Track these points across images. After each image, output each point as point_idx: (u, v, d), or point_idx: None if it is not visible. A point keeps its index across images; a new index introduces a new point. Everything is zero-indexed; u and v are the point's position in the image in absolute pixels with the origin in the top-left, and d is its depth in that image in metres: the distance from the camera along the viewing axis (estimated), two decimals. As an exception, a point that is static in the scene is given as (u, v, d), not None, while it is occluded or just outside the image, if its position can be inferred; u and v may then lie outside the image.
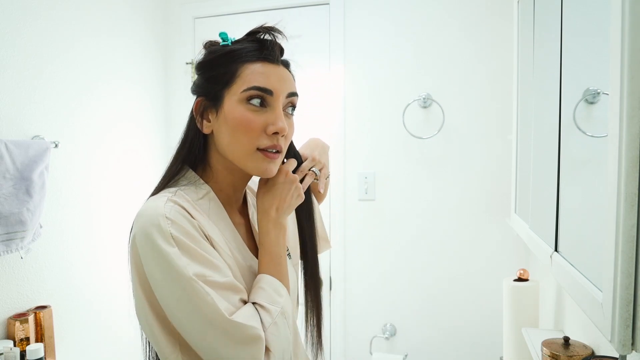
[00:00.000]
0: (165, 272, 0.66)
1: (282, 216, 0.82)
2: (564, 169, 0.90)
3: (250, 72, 0.75)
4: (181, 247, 0.67)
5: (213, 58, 0.77)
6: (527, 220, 1.27)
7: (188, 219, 0.70)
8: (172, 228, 0.67)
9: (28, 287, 1.54)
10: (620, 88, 0.54)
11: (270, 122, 0.75)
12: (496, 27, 1.85)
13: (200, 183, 0.80)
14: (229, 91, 0.75)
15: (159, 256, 0.66)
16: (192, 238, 0.68)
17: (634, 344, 0.55)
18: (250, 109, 0.74)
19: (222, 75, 0.75)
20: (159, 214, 0.68)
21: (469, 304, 1.93)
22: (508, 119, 1.74)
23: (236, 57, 0.75)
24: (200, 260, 0.68)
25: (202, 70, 0.79)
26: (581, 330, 1.08)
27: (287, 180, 0.83)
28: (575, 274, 0.76)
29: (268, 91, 0.75)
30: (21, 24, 1.52)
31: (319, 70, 2.09)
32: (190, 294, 0.65)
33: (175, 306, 0.66)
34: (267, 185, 0.83)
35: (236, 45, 0.77)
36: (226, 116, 0.75)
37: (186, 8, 2.27)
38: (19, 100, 1.51)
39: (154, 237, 0.67)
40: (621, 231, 0.54)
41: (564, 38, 0.89)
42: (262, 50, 0.76)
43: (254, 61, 0.75)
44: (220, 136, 0.77)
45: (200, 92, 0.79)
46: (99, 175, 1.86)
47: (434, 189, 1.96)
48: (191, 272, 0.65)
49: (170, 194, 0.74)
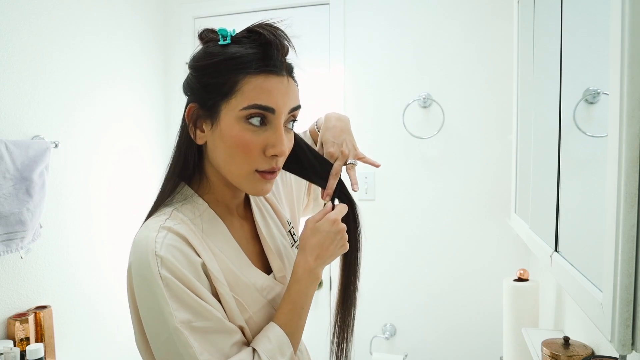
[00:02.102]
0: (153, 314, 0.65)
1: (320, 266, 0.77)
2: (564, 169, 0.90)
3: (252, 87, 0.68)
4: (170, 288, 0.64)
5: (211, 63, 0.70)
6: (527, 220, 1.27)
7: (181, 250, 0.67)
8: (161, 268, 0.64)
9: (28, 287, 1.54)
10: (620, 88, 0.54)
11: (270, 144, 0.70)
12: (496, 27, 1.85)
13: (197, 199, 0.76)
14: (227, 104, 0.69)
15: (148, 296, 0.65)
16: (182, 277, 0.65)
17: (634, 344, 0.55)
18: (249, 129, 0.69)
19: (221, 85, 0.69)
20: (149, 250, 0.65)
21: (469, 304, 1.93)
22: (508, 119, 1.74)
23: (237, 66, 0.68)
24: (188, 304, 0.65)
25: (197, 73, 0.72)
26: (581, 330, 1.08)
27: (333, 229, 0.78)
28: (575, 274, 0.76)
29: (270, 109, 0.69)
30: (21, 24, 1.52)
31: (319, 70, 2.09)
32: (175, 341, 0.64)
33: (160, 347, 0.66)
34: (313, 227, 0.78)
35: (236, 47, 0.69)
36: (223, 133, 0.70)
37: (186, 8, 2.27)
38: (19, 100, 1.51)
39: (144, 275, 0.65)
40: (621, 231, 0.54)
41: (564, 38, 0.89)
42: (266, 59, 0.69)
43: (256, 73, 0.68)
44: (216, 152, 0.72)
45: (194, 97, 0.73)
46: (99, 175, 1.85)
47: (434, 189, 1.96)
48: (177, 320, 0.64)
49: (166, 215, 0.71)
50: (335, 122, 0.91)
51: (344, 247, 0.80)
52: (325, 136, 0.89)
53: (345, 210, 0.82)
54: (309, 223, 0.80)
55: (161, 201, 0.76)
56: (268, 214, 0.88)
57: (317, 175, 0.85)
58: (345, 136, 0.89)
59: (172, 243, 0.67)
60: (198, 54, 0.73)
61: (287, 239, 0.89)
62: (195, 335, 0.65)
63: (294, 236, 0.91)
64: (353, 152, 0.88)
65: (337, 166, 0.85)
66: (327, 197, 0.84)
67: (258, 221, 0.85)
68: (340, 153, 0.86)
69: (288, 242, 0.89)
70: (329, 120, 0.92)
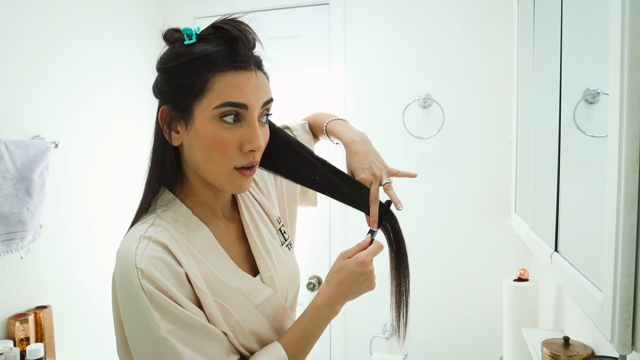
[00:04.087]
0: (137, 325, 0.65)
1: (340, 302, 0.78)
2: (564, 169, 0.90)
3: (223, 85, 0.67)
4: (153, 300, 0.64)
5: (178, 64, 0.69)
6: (527, 220, 1.27)
7: (162, 260, 0.67)
8: (143, 280, 0.64)
9: (28, 287, 1.54)
10: (620, 88, 0.54)
11: (246, 139, 0.70)
12: (496, 27, 1.85)
13: (178, 204, 0.75)
14: (199, 104, 0.68)
15: (132, 308, 0.65)
16: (163, 288, 0.65)
17: (634, 344, 0.55)
18: (224, 127, 0.69)
19: (191, 85, 0.68)
20: (129, 262, 0.65)
21: (469, 304, 1.93)
22: (508, 119, 1.74)
23: (205, 65, 0.67)
24: (173, 314, 0.65)
25: (166, 76, 0.71)
26: (581, 330, 1.08)
27: (359, 270, 0.78)
28: (575, 274, 0.76)
29: (243, 106, 0.69)
30: (21, 24, 1.52)
31: (319, 70, 2.09)
32: (163, 351, 0.64)
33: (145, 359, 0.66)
34: (342, 264, 0.80)
35: (203, 46, 0.69)
36: (198, 132, 0.69)
37: (186, 8, 2.27)
38: (19, 100, 1.51)
39: (127, 287, 0.65)
40: (621, 231, 0.54)
41: (564, 38, 0.89)
42: (233, 54, 0.68)
43: (225, 70, 0.67)
44: (193, 152, 0.72)
45: (165, 99, 0.72)
46: (99, 175, 1.86)
47: (434, 189, 1.96)
48: (163, 330, 0.64)
49: (147, 224, 0.71)
50: (358, 146, 0.89)
51: (369, 287, 0.81)
52: (353, 164, 0.87)
53: (379, 250, 0.83)
54: (340, 258, 0.81)
55: (143, 207, 0.76)
56: (257, 213, 0.87)
57: (358, 203, 0.86)
58: (372, 157, 0.88)
59: (153, 254, 0.67)
60: (165, 55, 0.72)
61: (276, 238, 0.88)
62: (183, 343, 0.65)
63: (284, 234, 0.90)
64: (385, 171, 0.87)
65: (375, 190, 0.85)
66: (374, 225, 0.85)
67: (246, 221, 0.84)
68: (373, 176, 0.85)
69: (277, 241, 0.88)
70: (350, 146, 0.89)
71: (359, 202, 0.85)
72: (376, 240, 0.85)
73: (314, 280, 2.12)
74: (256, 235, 0.83)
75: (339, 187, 0.85)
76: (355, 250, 0.82)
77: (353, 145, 0.89)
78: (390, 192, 0.87)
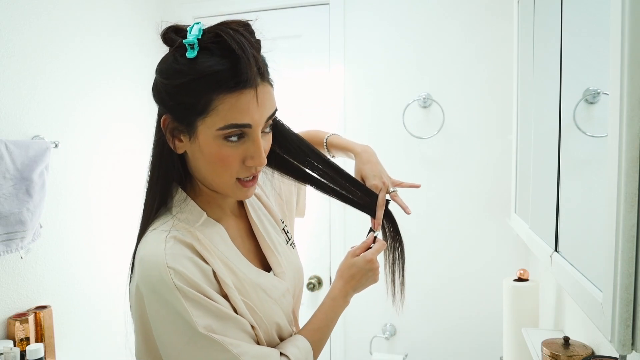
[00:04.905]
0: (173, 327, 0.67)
1: (351, 293, 0.89)
2: (564, 169, 0.90)
3: (227, 107, 0.66)
4: (188, 298, 0.66)
5: (182, 83, 0.67)
6: (527, 220, 1.27)
7: (190, 259, 0.69)
8: (175, 278, 0.66)
9: (28, 287, 1.54)
10: (620, 88, 0.54)
11: (249, 155, 0.71)
12: (496, 27, 1.85)
13: (192, 204, 0.77)
14: (202, 122, 0.68)
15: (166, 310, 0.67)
16: (196, 286, 0.67)
17: (634, 344, 0.55)
18: (228, 145, 0.69)
19: (195, 104, 0.67)
20: (160, 262, 0.66)
21: (469, 304, 1.93)
22: (508, 119, 1.74)
23: (209, 85, 0.66)
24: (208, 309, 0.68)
25: (169, 90, 0.69)
26: (581, 330, 1.08)
27: (367, 267, 0.89)
28: (575, 274, 0.76)
29: (247, 126, 0.69)
30: (21, 24, 1.52)
31: (319, 70, 2.09)
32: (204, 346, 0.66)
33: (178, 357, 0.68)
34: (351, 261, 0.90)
35: (206, 60, 0.66)
36: (202, 147, 0.70)
37: (186, 8, 2.27)
38: (19, 100, 1.51)
39: (159, 290, 0.66)
40: (621, 231, 0.54)
41: (564, 38, 0.89)
42: (238, 74, 0.66)
43: (230, 92, 0.66)
44: (197, 163, 0.74)
45: (167, 110, 0.71)
46: (99, 175, 1.85)
47: (434, 189, 1.96)
48: (201, 326, 0.66)
49: (169, 225, 0.72)
50: (369, 156, 0.98)
51: (375, 280, 0.91)
52: (365, 171, 0.96)
53: (382, 248, 0.93)
54: (349, 256, 0.92)
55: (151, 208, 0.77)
56: (262, 212, 0.90)
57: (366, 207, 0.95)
58: (381, 168, 0.97)
59: (181, 252, 0.69)
60: (167, 68, 0.70)
61: (281, 236, 0.91)
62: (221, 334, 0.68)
63: (287, 234, 0.94)
64: (390, 181, 0.97)
65: (382, 197, 0.94)
66: (378, 227, 0.96)
67: (253, 218, 0.87)
68: (382, 184, 0.94)
69: (283, 239, 0.91)
70: (362, 155, 0.99)
71: (367, 206, 0.95)
72: (379, 239, 0.96)
73: (314, 280, 2.12)
74: (264, 232, 0.87)
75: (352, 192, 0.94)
76: (361, 249, 0.92)
77: (364, 154, 0.98)
78: (397, 200, 0.98)
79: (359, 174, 0.97)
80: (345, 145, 1.02)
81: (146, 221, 0.77)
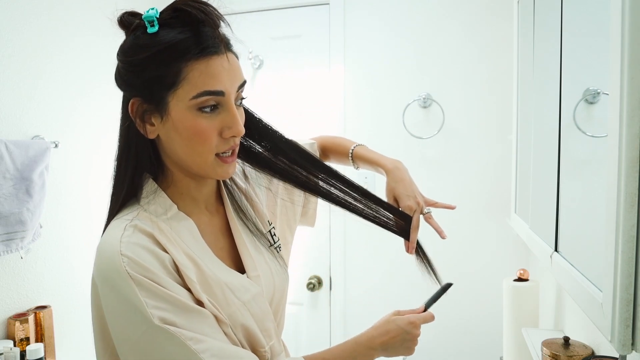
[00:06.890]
0: (126, 316, 0.63)
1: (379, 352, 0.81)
2: (564, 169, 0.90)
3: (197, 74, 0.65)
4: (142, 287, 0.62)
5: (147, 57, 0.65)
6: (527, 220, 1.27)
7: (147, 248, 0.65)
8: (128, 267, 0.62)
9: (28, 287, 1.54)
10: (620, 88, 0.54)
11: (226, 125, 0.69)
12: (496, 27, 1.85)
13: (162, 195, 0.73)
14: (174, 95, 0.66)
15: (119, 299, 0.63)
16: (150, 275, 0.63)
17: (634, 344, 0.55)
18: (203, 116, 0.67)
19: (163, 77, 0.65)
20: (114, 250, 0.63)
21: (469, 303, 1.92)
22: (508, 119, 1.74)
23: (175, 54, 0.64)
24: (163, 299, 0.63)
25: (134, 68, 0.68)
26: (581, 330, 1.08)
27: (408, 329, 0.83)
28: (575, 274, 0.76)
29: (220, 93, 0.66)
30: (21, 24, 1.52)
31: (319, 70, 2.09)
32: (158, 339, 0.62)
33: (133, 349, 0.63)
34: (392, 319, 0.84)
35: (167, 33, 0.65)
36: (176, 125, 0.67)
37: (186, 8, 2.27)
38: (19, 100, 1.51)
39: (112, 278, 0.63)
40: (621, 231, 0.54)
41: (564, 38, 0.89)
42: (203, 40, 0.65)
43: (198, 58, 0.65)
44: (173, 144, 0.70)
45: (134, 92, 0.69)
46: (99, 175, 1.85)
47: (434, 188, 1.95)
48: (156, 318, 0.61)
49: (133, 214, 0.69)
50: (402, 174, 0.93)
51: (409, 350, 0.84)
52: (398, 190, 0.91)
53: (431, 320, 0.87)
54: (392, 313, 0.87)
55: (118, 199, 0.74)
56: (246, 210, 0.85)
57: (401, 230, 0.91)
58: (414, 187, 0.92)
59: (138, 241, 0.65)
60: (128, 47, 0.69)
61: (264, 239, 0.86)
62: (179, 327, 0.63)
63: (273, 237, 0.88)
64: (424, 201, 0.92)
65: (417, 219, 0.89)
66: (412, 251, 0.93)
67: (231, 215, 0.82)
68: (417, 205, 0.90)
69: (266, 241, 0.86)
70: (394, 173, 0.93)
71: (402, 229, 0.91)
72: (429, 310, 0.91)
73: (314, 280, 2.12)
74: (242, 230, 0.81)
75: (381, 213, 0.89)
76: (408, 312, 0.88)
77: (397, 172, 0.93)
78: (432, 222, 0.94)
79: (391, 194, 0.91)
80: (373, 159, 0.97)
81: (111, 213, 0.74)
